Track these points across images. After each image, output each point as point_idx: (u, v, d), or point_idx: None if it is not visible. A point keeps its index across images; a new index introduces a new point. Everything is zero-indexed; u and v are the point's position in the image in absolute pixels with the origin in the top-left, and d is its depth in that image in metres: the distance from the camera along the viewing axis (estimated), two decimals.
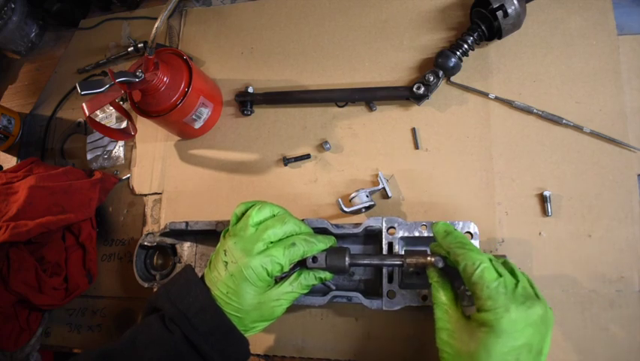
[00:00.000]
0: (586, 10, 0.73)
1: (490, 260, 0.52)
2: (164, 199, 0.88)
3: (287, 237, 0.59)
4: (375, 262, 0.61)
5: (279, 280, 0.60)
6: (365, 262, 0.61)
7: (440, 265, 0.56)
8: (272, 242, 0.58)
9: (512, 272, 0.52)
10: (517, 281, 0.50)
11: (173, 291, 0.58)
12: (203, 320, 0.55)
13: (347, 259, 0.60)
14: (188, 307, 0.55)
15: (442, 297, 0.54)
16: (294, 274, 0.60)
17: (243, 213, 0.62)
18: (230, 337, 0.56)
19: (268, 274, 0.57)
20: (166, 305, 0.56)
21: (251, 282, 0.56)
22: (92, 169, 0.94)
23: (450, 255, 0.53)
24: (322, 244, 0.61)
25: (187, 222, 0.75)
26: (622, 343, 0.62)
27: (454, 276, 0.66)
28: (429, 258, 0.56)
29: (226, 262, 0.57)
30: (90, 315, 0.87)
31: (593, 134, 0.69)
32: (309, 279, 0.61)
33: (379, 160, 0.77)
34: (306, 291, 0.61)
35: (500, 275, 0.50)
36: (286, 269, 0.58)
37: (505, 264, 0.54)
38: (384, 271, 0.65)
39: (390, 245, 0.66)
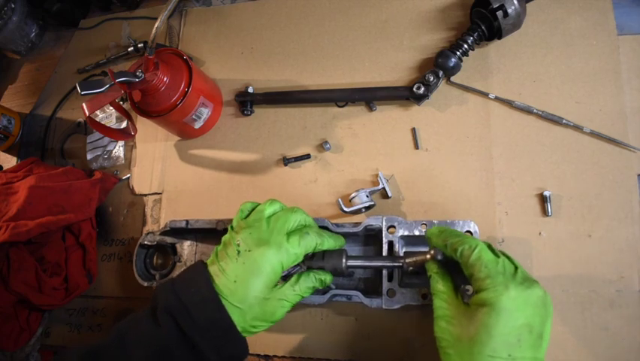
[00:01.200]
0: (586, 10, 0.73)
1: (489, 245, 0.52)
2: (164, 199, 0.88)
3: (299, 228, 0.60)
4: (375, 263, 0.61)
5: (283, 280, 0.60)
6: (364, 263, 0.61)
7: (439, 257, 0.56)
8: (287, 233, 0.59)
9: (510, 260, 0.52)
10: (516, 267, 0.50)
11: (178, 282, 0.57)
12: (204, 312, 0.54)
13: (344, 260, 0.60)
14: (189, 298, 0.54)
15: (441, 286, 0.54)
16: (295, 277, 0.61)
17: (249, 211, 0.63)
18: (229, 334, 0.55)
19: (282, 267, 0.57)
20: (165, 294, 0.55)
21: (263, 272, 0.56)
22: (92, 169, 0.94)
23: (447, 247, 0.54)
24: (332, 240, 0.62)
25: (187, 221, 0.75)
26: (622, 343, 0.62)
27: (454, 272, 0.66)
28: (427, 255, 0.57)
29: (239, 251, 0.57)
30: (90, 315, 0.87)
31: (593, 134, 0.69)
32: (308, 281, 0.61)
33: (379, 160, 0.77)
34: (307, 294, 0.61)
35: (498, 257, 0.50)
36: (300, 260, 0.59)
37: (503, 253, 0.54)
38: (384, 270, 0.65)
39: (391, 244, 0.66)
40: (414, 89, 0.74)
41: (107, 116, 0.97)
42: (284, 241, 0.57)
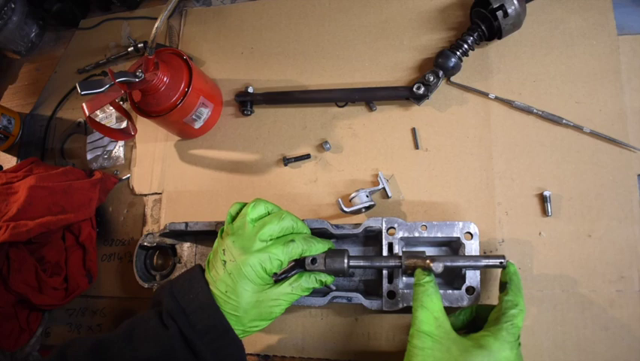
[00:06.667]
0: (586, 10, 0.73)
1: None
2: (164, 199, 0.88)
3: (285, 235, 0.60)
4: (375, 263, 0.61)
5: (278, 279, 0.60)
6: (364, 263, 0.61)
7: (440, 270, 0.56)
8: (270, 239, 0.59)
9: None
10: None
11: (176, 286, 0.59)
12: (201, 317, 0.55)
13: (346, 260, 0.60)
14: (188, 303, 0.56)
15: (435, 303, 0.53)
16: (295, 276, 0.60)
17: (238, 213, 0.63)
18: (226, 338, 0.56)
19: (266, 272, 0.57)
20: (166, 299, 0.57)
21: (249, 279, 0.57)
22: (91, 169, 0.94)
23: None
24: (321, 244, 0.62)
25: (187, 223, 0.75)
26: (622, 343, 0.62)
27: (455, 277, 0.66)
28: (428, 261, 0.57)
29: (224, 261, 0.58)
30: (90, 315, 0.87)
31: (593, 134, 0.69)
32: (309, 282, 0.61)
33: (379, 160, 0.77)
34: (306, 293, 0.61)
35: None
36: (285, 266, 0.59)
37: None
38: (384, 271, 0.65)
39: (390, 246, 0.66)
40: (414, 89, 0.74)
41: (107, 116, 0.97)
42: (267, 248, 0.57)
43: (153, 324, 0.56)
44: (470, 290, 0.62)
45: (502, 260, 0.57)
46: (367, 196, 0.71)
